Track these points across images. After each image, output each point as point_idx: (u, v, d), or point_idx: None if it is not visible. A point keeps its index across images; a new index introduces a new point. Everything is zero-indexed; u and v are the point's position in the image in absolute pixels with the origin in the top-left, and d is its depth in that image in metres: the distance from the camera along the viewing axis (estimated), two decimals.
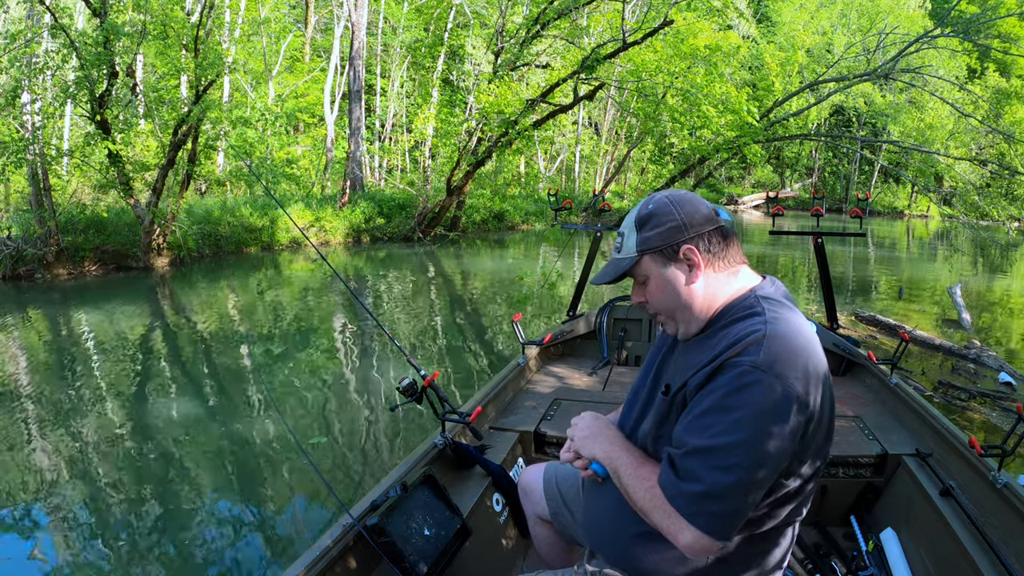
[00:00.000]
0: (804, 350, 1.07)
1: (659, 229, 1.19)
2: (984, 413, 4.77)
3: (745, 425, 1.02)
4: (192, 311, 8.26)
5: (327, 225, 13.92)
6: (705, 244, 1.19)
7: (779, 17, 31.09)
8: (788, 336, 1.08)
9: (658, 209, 1.21)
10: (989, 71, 27.45)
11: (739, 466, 1.02)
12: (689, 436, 1.08)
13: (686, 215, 1.19)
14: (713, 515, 1.03)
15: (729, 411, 1.03)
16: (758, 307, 1.14)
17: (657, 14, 12.42)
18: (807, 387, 1.05)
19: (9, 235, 9.20)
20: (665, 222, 1.19)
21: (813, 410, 1.06)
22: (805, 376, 1.05)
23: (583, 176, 26.00)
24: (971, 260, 16.44)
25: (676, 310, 1.21)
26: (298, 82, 20.17)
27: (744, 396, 1.03)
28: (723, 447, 1.03)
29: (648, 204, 1.23)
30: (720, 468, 1.03)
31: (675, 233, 1.19)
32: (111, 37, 8.51)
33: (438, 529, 1.72)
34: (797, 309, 1.18)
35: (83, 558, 3.00)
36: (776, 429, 1.02)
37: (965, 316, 8.08)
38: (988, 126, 17.65)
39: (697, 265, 1.18)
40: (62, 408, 4.80)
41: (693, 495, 1.04)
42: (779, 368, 1.03)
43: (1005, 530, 1.80)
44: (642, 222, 1.22)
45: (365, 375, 5.83)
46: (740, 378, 1.04)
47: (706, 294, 1.19)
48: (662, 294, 1.21)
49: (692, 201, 1.22)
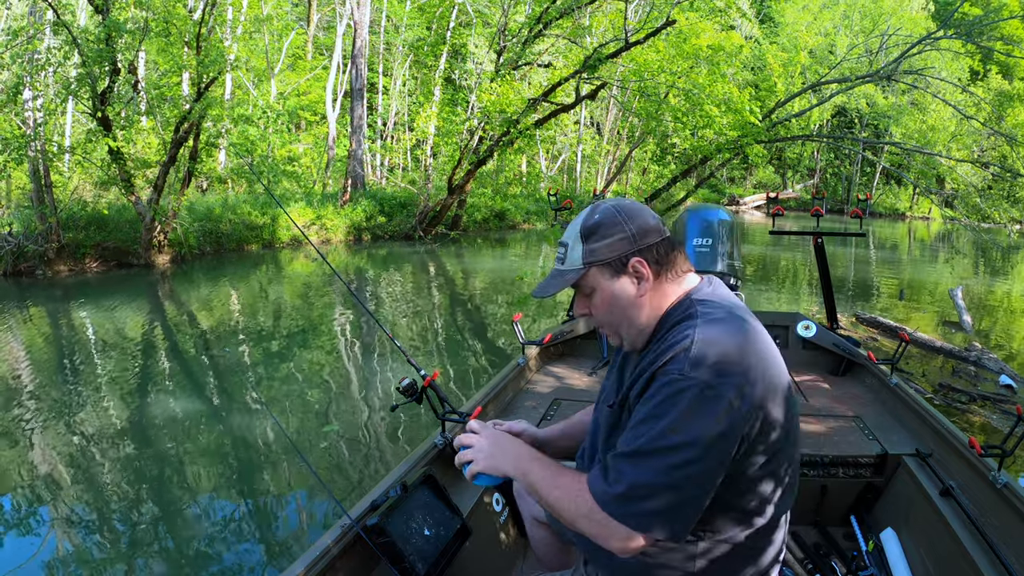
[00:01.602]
0: (739, 350, 1.06)
1: (607, 240, 1.16)
2: (984, 416, 4.77)
3: (674, 430, 1.02)
4: (193, 309, 8.27)
5: (328, 223, 13.92)
6: (653, 256, 1.17)
7: (782, 18, 31.07)
8: (718, 338, 1.06)
9: (605, 219, 1.18)
10: (992, 73, 27.41)
11: (667, 467, 1.02)
12: (625, 441, 1.08)
13: (635, 227, 1.17)
14: (642, 514, 1.03)
15: (659, 419, 1.03)
16: (692, 311, 1.13)
17: (659, 14, 12.41)
18: (742, 387, 1.03)
19: (10, 231, 9.20)
20: (613, 233, 1.16)
21: (753, 408, 1.05)
22: (741, 376, 1.04)
23: (585, 176, 25.99)
24: (972, 262, 16.42)
25: (621, 323, 1.20)
26: (300, 80, 20.17)
27: (672, 403, 1.03)
28: (651, 451, 1.03)
29: (594, 214, 1.19)
30: (646, 469, 1.03)
31: (624, 245, 1.16)
32: (113, 34, 8.51)
33: (438, 529, 1.72)
34: (739, 306, 1.17)
35: (82, 557, 3.00)
36: (708, 433, 1.01)
37: (966, 318, 8.07)
38: (990, 128, 17.63)
39: (646, 278, 1.16)
40: (62, 405, 4.80)
41: (619, 495, 1.04)
42: (707, 373, 1.02)
43: (1005, 530, 1.80)
44: (588, 233, 1.18)
45: (365, 375, 5.83)
46: (669, 387, 1.04)
47: (652, 306, 1.18)
48: (608, 308, 1.19)
49: (640, 211, 1.19)
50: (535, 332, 5.51)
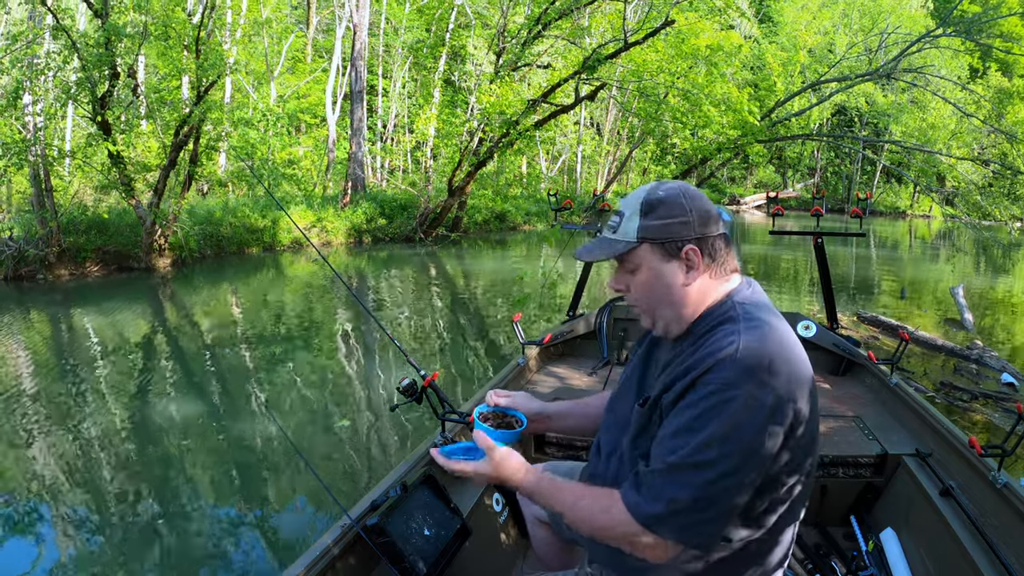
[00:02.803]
0: (779, 357, 1.04)
1: (667, 221, 1.13)
2: (986, 414, 4.76)
3: (715, 443, 1.00)
4: (193, 312, 8.28)
5: (329, 225, 13.93)
6: (708, 247, 1.14)
7: (781, 17, 31.09)
8: (762, 345, 1.05)
9: (669, 198, 1.14)
10: (991, 71, 27.39)
11: (706, 482, 1.01)
12: (661, 453, 1.06)
13: (697, 213, 1.14)
14: (681, 528, 1.03)
15: (699, 431, 1.01)
16: (733, 313, 1.11)
17: (658, 14, 12.42)
18: (783, 396, 1.02)
19: (11, 236, 9.22)
20: (675, 215, 1.13)
21: (793, 417, 1.04)
22: (782, 384, 1.03)
23: (585, 176, 26.00)
24: (974, 260, 16.40)
25: (660, 307, 1.17)
26: (300, 83, 20.19)
27: (714, 414, 1.01)
28: (691, 464, 1.01)
29: (658, 190, 1.16)
30: (685, 484, 1.02)
31: (682, 229, 1.13)
32: (112, 38, 8.53)
33: (438, 529, 1.72)
34: (775, 311, 1.16)
35: (82, 557, 3.00)
36: (748, 445, 1.01)
37: (967, 316, 8.06)
38: (990, 126, 17.62)
39: (696, 267, 1.14)
40: (64, 409, 4.81)
41: (658, 513, 1.03)
42: (750, 384, 1.01)
43: (1005, 530, 1.80)
44: (649, 207, 1.14)
45: (365, 375, 5.83)
46: (711, 397, 1.02)
47: (695, 298, 1.15)
48: (649, 289, 1.16)
49: (704, 200, 1.16)
50: (535, 332, 5.51)
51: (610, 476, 1.25)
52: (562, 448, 2.50)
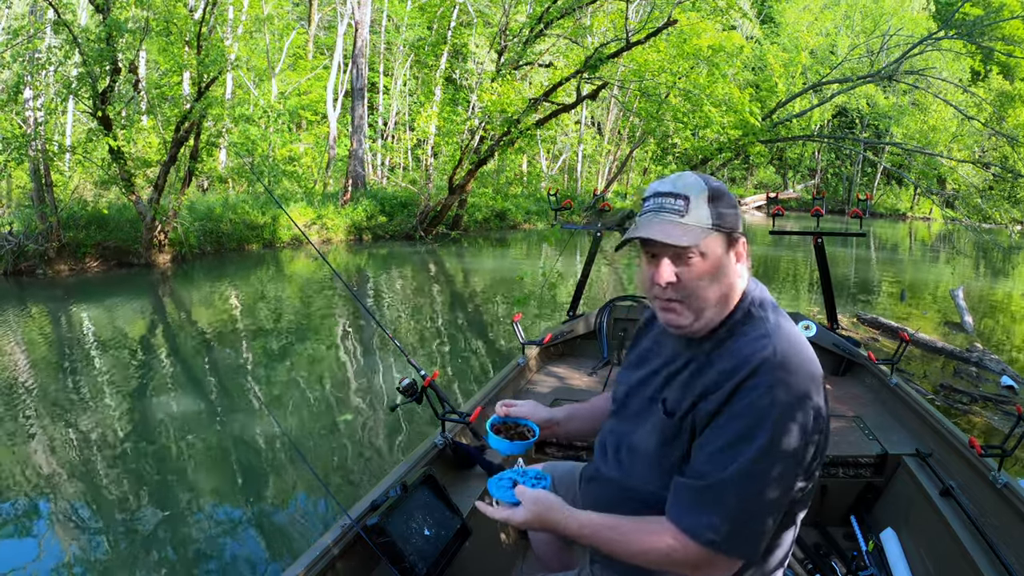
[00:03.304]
0: (807, 358, 1.05)
1: (733, 211, 1.12)
2: (986, 416, 4.77)
3: (769, 452, 0.99)
4: (193, 308, 8.27)
5: (329, 223, 13.92)
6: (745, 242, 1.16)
7: (783, 18, 31.04)
8: (791, 347, 1.05)
9: (724, 191, 1.13)
10: (992, 74, 27.38)
11: (761, 492, 1.00)
12: (713, 468, 1.03)
13: (738, 208, 1.15)
14: (746, 542, 1.01)
15: (751, 440, 0.99)
16: (757, 313, 1.11)
17: (661, 14, 12.42)
18: (817, 396, 1.03)
19: (11, 231, 9.21)
20: (733, 204, 1.14)
21: (823, 416, 1.05)
22: (813, 385, 1.03)
23: (586, 176, 25.99)
24: (974, 263, 16.41)
25: (708, 299, 1.10)
26: (301, 79, 20.16)
27: (765, 421, 0.99)
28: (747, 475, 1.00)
29: (710, 180, 1.13)
30: (743, 498, 1.00)
31: (737, 221, 1.13)
32: (114, 33, 8.52)
33: (438, 529, 1.72)
34: (781, 310, 1.17)
35: (81, 557, 3.00)
36: (798, 448, 1.00)
37: (967, 319, 8.06)
38: (991, 129, 17.63)
39: (743, 261, 1.15)
40: (62, 404, 4.80)
41: (723, 532, 1.01)
42: (796, 386, 1.01)
43: (1005, 530, 1.80)
44: (716, 195, 1.11)
45: (365, 375, 5.83)
46: (758, 402, 1.00)
47: (736, 293, 1.14)
48: (710, 279, 1.10)
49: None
50: (535, 332, 5.51)
51: (616, 474, 1.24)
52: (562, 448, 2.50)
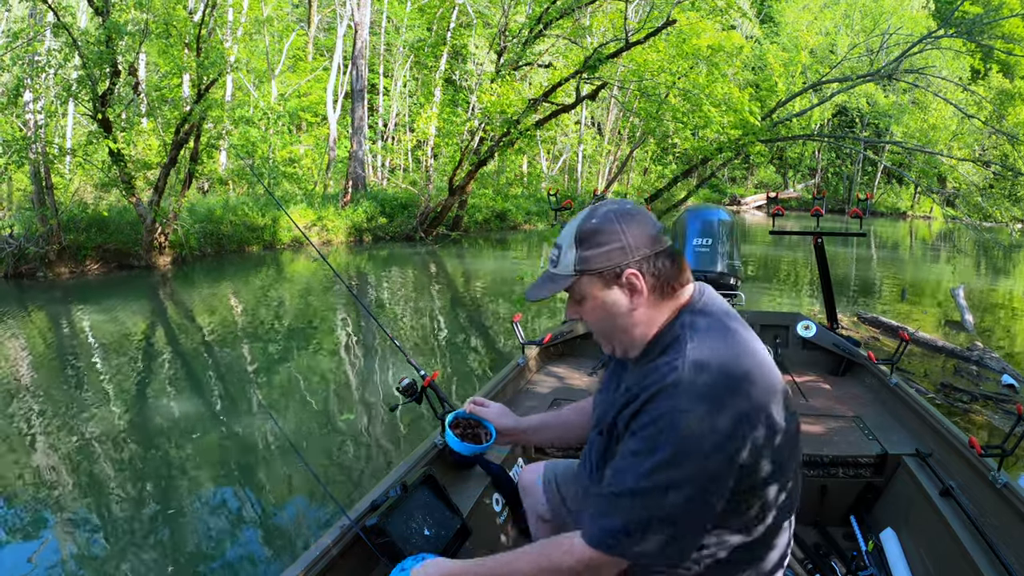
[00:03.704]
0: (729, 374, 1.02)
1: (602, 249, 1.10)
2: (986, 416, 4.76)
3: (667, 467, 0.99)
4: (193, 310, 8.28)
5: (329, 224, 13.93)
6: (650, 268, 1.10)
7: (782, 18, 31.06)
8: (710, 364, 1.02)
9: (602, 226, 1.11)
10: (992, 72, 27.37)
11: (660, 505, 1.00)
12: (612, 477, 1.05)
13: (633, 236, 1.10)
14: (641, 553, 1.02)
15: (650, 454, 1.00)
16: (681, 333, 1.09)
17: (660, 14, 12.41)
18: (735, 413, 1.00)
19: (11, 233, 9.21)
20: (609, 241, 1.10)
21: (748, 430, 1.02)
22: (731, 402, 1.00)
23: (586, 176, 25.99)
24: (974, 262, 16.40)
25: (613, 334, 1.15)
26: (301, 81, 20.17)
27: (663, 438, 1.00)
28: (643, 489, 1.00)
29: (591, 218, 1.12)
30: (640, 508, 1.01)
31: (619, 255, 1.09)
32: (113, 36, 8.52)
33: (438, 529, 1.72)
34: (729, 316, 1.13)
35: (82, 558, 3.00)
36: (700, 468, 0.99)
37: (968, 318, 8.06)
38: (991, 127, 17.62)
39: (639, 291, 1.10)
40: (63, 407, 4.80)
41: (615, 537, 1.02)
42: (698, 408, 0.99)
43: (1005, 530, 1.80)
44: (583, 238, 1.11)
45: (365, 375, 5.83)
46: (659, 420, 1.01)
47: (646, 320, 1.12)
48: (598, 318, 1.15)
49: (641, 218, 1.12)
50: (535, 332, 5.51)
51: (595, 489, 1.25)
52: (561, 448, 2.50)
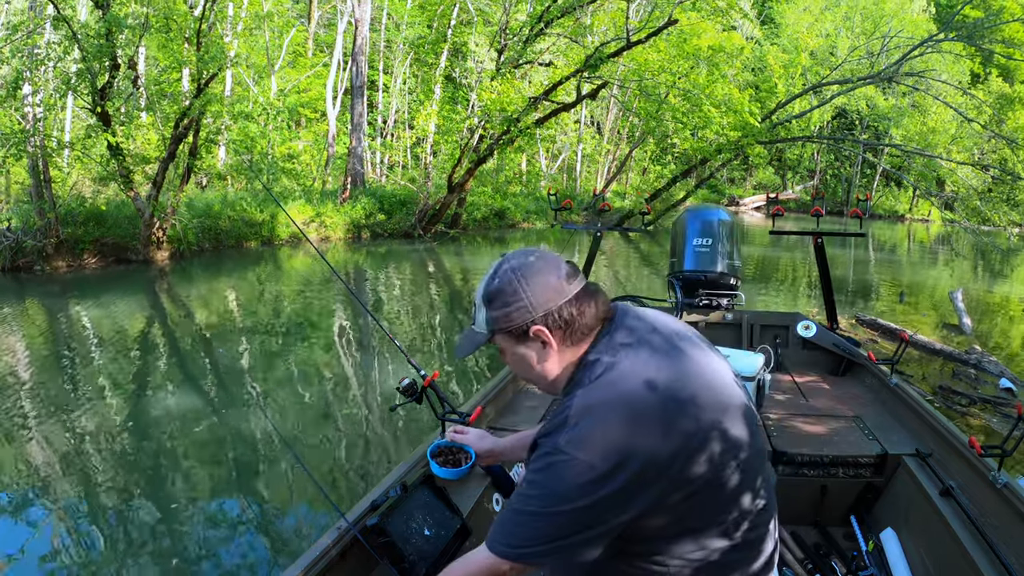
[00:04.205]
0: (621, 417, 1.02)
1: (506, 310, 1.13)
2: (984, 419, 4.77)
3: (548, 499, 1.04)
4: (191, 305, 8.26)
5: (328, 220, 13.91)
6: (555, 320, 1.11)
7: (783, 19, 31.07)
8: (599, 408, 1.04)
9: (504, 286, 1.13)
10: (992, 76, 27.41)
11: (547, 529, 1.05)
12: (512, 496, 1.12)
13: (533, 294, 1.11)
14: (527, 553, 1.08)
15: (535, 485, 1.06)
16: (580, 376, 1.11)
17: (661, 13, 12.42)
18: (622, 455, 1.00)
19: (9, 227, 9.19)
20: (511, 302, 1.12)
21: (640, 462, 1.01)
22: (616, 448, 1.01)
23: (585, 175, 25.99)
24: (972, 265, 16.44)
25: (533, 380, 1.21)
26: (300, 77, 20.13)
27: (545, 474, 1.04)
28: (532, 513, 1.06)
29: (494, 278, 1.15)
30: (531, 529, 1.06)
31: (522, 314, 1.12)
32: (113, 29, 8.50)
33: (438, 529, 1.72)
34: (643, 340, 1.11)
35: (79, 559, 2.99)
36: (577, 504, 1.02)
37: (966, 321, 8.07)
38: (991, 131, 17.65)
39: (548, 344, 1.13)
40: (59, 401, 4.79)
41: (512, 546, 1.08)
42: (578, 447, 1.01)
43: (1005, 530, 1.80)
44: (489, 299, 1.15)
45: (365, 375, 5.82)
46: (544, 458, 1.05)
47: (561, 366, 1.16)
48: (519, 368, 1.21)
49: (543, 270, 1.12)
50: None
51: None
52: None
